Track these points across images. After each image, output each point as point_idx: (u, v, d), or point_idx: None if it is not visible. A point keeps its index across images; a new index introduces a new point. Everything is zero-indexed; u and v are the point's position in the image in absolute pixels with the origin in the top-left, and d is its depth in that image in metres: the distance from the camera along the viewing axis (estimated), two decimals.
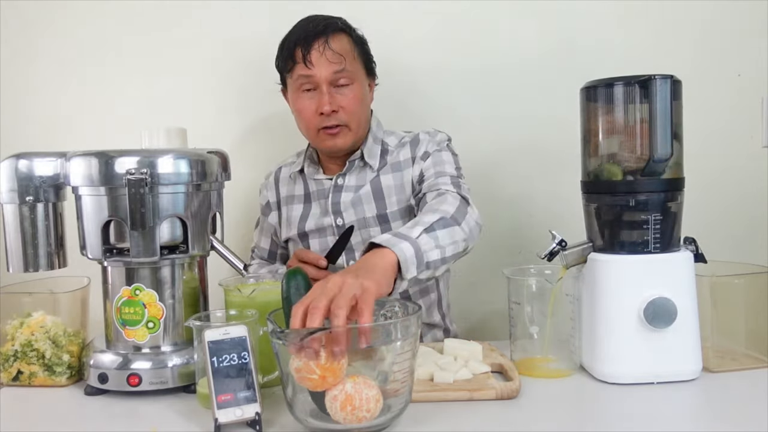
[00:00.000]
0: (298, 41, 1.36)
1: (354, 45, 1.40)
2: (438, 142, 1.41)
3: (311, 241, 1.46)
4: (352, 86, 1.38)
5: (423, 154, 1.40)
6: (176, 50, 1.73)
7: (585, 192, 1.12)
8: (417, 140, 1.43)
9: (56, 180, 1.07)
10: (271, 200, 1.54)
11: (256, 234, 1.60)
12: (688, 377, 1.04)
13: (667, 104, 1.01)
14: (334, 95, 1.36)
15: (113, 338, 1.08)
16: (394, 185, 1.40)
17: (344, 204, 1.42)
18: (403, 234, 1.04)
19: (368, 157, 1.43)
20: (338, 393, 0.84)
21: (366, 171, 1.44)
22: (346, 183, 1.44)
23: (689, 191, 1.08)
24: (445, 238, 1.08)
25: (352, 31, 1.41)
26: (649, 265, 1.04)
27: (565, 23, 1.72)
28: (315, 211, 1.46)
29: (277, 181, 1.54)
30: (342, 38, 1.38)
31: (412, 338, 0.88)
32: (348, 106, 1.37)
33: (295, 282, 0.93)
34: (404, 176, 1.41)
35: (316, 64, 1.34)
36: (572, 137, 1.15)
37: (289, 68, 1.38)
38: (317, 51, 1.34)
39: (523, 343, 1.12)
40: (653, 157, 1.03)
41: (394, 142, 1.46)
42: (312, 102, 1.37)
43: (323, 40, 1.35)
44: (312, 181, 1.48)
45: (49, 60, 1.73)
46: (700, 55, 1.71)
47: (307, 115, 1.38)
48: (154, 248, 1.04)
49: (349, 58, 1.37)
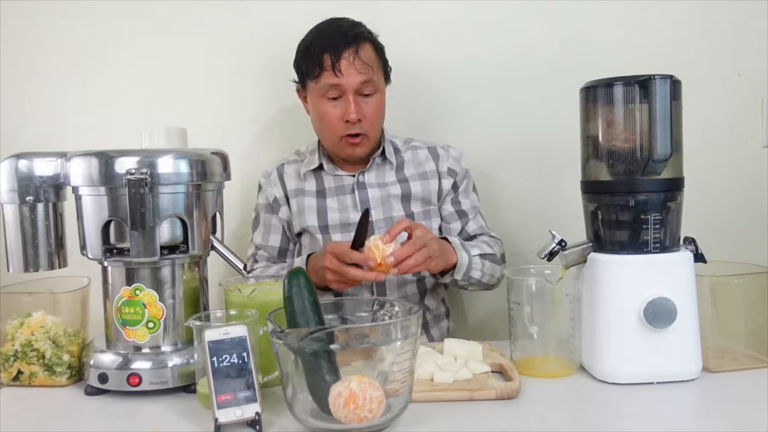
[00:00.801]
0: (327, 48, 1.38)
1: (377, 54, 1.44)
2: (459, 159, 1.54)
3: (333, 236, 1.47)
4: (376, 95, 1.42)
5: (449, 170, 1.52)
6: (176, 50, 1.73)
7: (585, 192, 1.12)
8: (436, 153, 1.54)
9: (56, 180, 1.07)
10: (278, 195, 1.53)
11: (258, 236, 1.56)
12: (688, 377, 1.04)
13: (666, 104, 1.02)
14: (360, 104, 1.40)
15: (113, 338, 1.08)
16: (421, 191, 1.50)
17: (373, 201, 1.48)
18: (467, 247, 1.39)
19: (388, 155, 1.50)
20: (343, 390, 0.84)
21: (385, 168, 1.51)
22: (367, 180, 1.49)
23: (689, 191, 1.08)
24: (488, 269, 1.41)
25: (375, 40, 1.45)
26: (649, 265, 1.04)
27: (565, 23, 1.72)
28: (334, 206, 1.48)
29: (281, 176, 1.54)
30: (369, 48, 1.41)
31: (412, 338, 0.88)
32: (370, 115, 1.42)
33: (297, 281, 0.92)
34: (430, 185, 1.51)
35: (346, 73, 1.37)
36: (572, 137, 1.15)
37: (316, 74, 1.39)
38: (347, 60, 1.37)
39: (523, 343, 1.12)
40: (653, 157, 1.03)
41: (400, 143, 1.55)
42: (337, 110, 1.40)
43: (353, 49, 1.38)
44: (330, 177, 1.50)
45: (49, 60, 1.73)
46: (700, 55, 1.71)
47: (332, 122, 1.41)
48: (154, 248, 1.04)
49: (375, 68, 1.41)
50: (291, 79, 1.47)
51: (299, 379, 0.88)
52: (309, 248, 1.50)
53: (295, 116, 1.68)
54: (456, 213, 1.52)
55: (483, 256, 1.40)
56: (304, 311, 0.91)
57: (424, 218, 1.49)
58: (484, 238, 1.50)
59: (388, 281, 1.45)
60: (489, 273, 1.41)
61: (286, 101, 1.69)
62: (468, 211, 1.53)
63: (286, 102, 1.69)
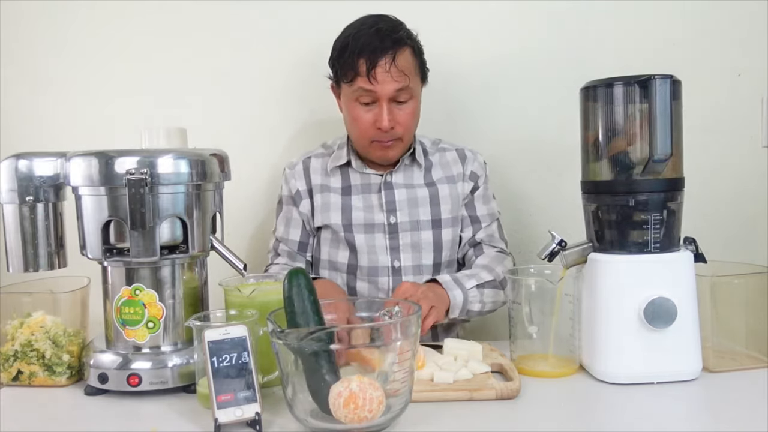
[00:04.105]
0: (363, 53, 1.32)
1: (415, 58, 1.39)
2: (483, 166, 1.51)
3: (356, 236, 1.43)
4: (411, 102, 1.38)
5: (471, 174, 1.49)
6: (176, 50, 1.73)
7: (585, 192, 1.12)
8: (464, 156, 1.51)
9: (56, 180, 1.07)
10: (302, 189, 1.49)
11: (280, 227, 1.51)
12: (688, 377, 1.04)
13: (666, 104, 1.02)
14: (393, 110, 1.36)
15: (113, 338, 1.08)
16: (449, 195, 1.46)
17: (399, 203, 1.44)
18: (460, 282, 1.33)
19: (418, 156, 1.47)
20: (343, 390, 0.84)
21: (413, 169, 1.47)
22: (394, 180, 1.46)
23: (689, 191, 1.08)
24: (489, 296, 1.36)
25: (415, 43, 1.39)
26: (649, 265, 1.04)
27: (565, 23, 1.72)
28: (358, 205, 1.45)
29: (306, 169, 1.50)
30: (407, 54, 1.36)
31: (412, 338, 0.88)
32: (405, 121, 1.38)
33: (297, 281, 0.92)
34: (457, 188, 1.48)
35: (381, 81, 1.32)
36: (572, 137, 1.15)
37: (350, 78, 1.35)
38: (383, 68, 1.32)
39: (523, 343, 1.12)
40: (653, 157, 1.03)
41: (428, 143, 1.52)
42: (370, 115, 1.37)
43: (390, 57, 1.32)
44: (357, 175, 1.47)
45: (50, 60, 1.73)
46: (700, 55, 1.71)
47: (364, 126, 1.38)
48: (154, 248, 1.04)
49: (412, 74, 1.37)
50: (326, 74, 1.43)
51: (299, 379, 0.88)
52: (330, 244, 1.46)
53: (295, 116, 1.69)
54: (469, 218, 1.48)
55: (481, 286, 1.34)
56: (304, 311, 0.91)
57: (452, 224, 1.45)
58: (484, 259, 1.43)
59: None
60: (490, 301, 1.36)
61: (286, 101, 1.69)
62: (482, 218, 1.48)
63: (286, 102, 1.69)
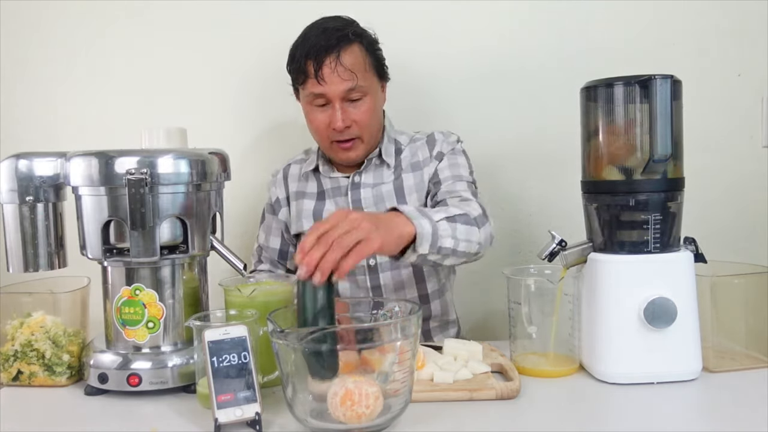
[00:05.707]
0: (309, 55, 1.33)
1: (366, 54, 1.37)
2: (451, 142, 1.45)
3: None
4: (365, 99, 1.37)
5: (437, 153, 1.43)
6: (176, 50, 1.73)
7: (585, 192, 1.12)
8: (433, 140, 1.46)
9: (56, 180, 1.07)
10: (280, 197, 1.52)
11: (261, 234, 1.55)
12: (688, 377, 1.04)
13: (667, 104, 1.02)
14: (347, 110, 1.35)
15: (113, 338, 1.08)
16: (414, 184, 1.42)
17: (365, 201, 1.43)
18: (427, 213, 1.10)
19: (385, 156, 1.44)
20: (339, 389, 0.84)
21: (383, 169, 1.45)
22: (363, 180, 1.45)
23: (689, 191, 1.08)
24: (462, 232, 1.14)
25: (363, 39, 1.38)
26: (649, 265, 1.04)
27: (565, 23, 1.72)
28: (331, 208, 1.45)
29: (285, 177, 1.53)
30: (354, 51, 1.35)
31: (412, 338, 0.88)
32: (361, 119, 1.37)
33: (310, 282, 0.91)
34: (423, 175, 1.42)
35: (329, 81, 1.32)
36: (572, 137, 1.14)
37: (301, 81, 1.36)
38: (329, 67, 1.32)
39: (522, 342, 1.12)
40: (653, 157, 1.03)
41: (406, 141, 1.48)
42: (324, 116, 1.37)
43: (335, 55, 1.32)
44: (327, 179, 1.47)
45: (50, 60, 1.73)
46: (700, 55, 1.71)
47: (321, 128, 1.38)
48: (154, 248, 1.04)
49: (361, 71, 1.35)
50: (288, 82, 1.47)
51: (299, 379, 0.88)
52: None
53: (295, 116, 1.68)
54: (433, 185, 1.41)
55: (451, 219, 1.13)
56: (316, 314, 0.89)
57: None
58: (451, 202, 1.28)
59: (384, 287, 1.41)
60: (465, 238, 1.14)
61: (286, 101, 1.69)
62: (445, 179, 1.37)
63: (286, 102, 1.68)
